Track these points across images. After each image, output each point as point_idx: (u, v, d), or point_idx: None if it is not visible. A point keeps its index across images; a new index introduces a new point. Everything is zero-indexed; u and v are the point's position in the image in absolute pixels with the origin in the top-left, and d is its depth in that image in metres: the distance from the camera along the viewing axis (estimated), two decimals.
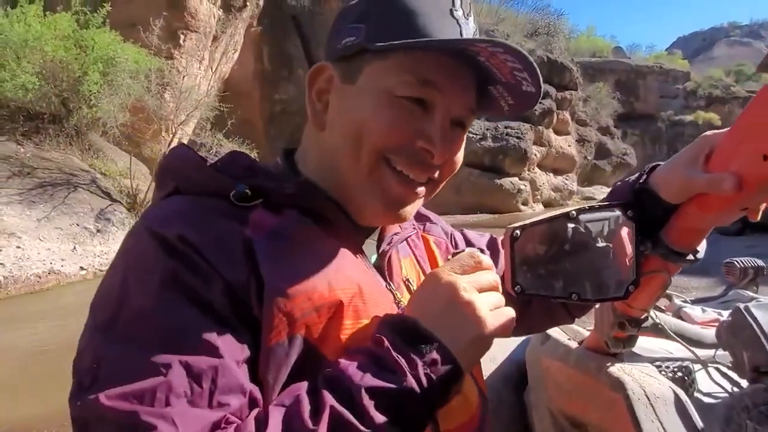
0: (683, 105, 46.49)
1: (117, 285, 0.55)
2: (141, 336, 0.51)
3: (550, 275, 0.70)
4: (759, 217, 0.66)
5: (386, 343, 0.54)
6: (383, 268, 0.73)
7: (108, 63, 13.14)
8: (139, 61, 13.70)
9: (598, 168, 36.05)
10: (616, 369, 0.90)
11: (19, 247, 9.28)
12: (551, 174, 30.06)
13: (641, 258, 0.73)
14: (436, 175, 0.69)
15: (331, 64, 0.69)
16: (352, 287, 0.62)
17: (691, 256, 0.73)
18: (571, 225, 0.70)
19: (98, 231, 10.85)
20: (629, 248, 0.72)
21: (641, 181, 0.73)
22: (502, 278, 0.67)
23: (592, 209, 0.71)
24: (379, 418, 0.49)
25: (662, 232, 0.73)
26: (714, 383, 1.01)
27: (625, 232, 0.72)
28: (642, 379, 0.86)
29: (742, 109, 0.61)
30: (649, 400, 0.82)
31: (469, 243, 0.94)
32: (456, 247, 0.93)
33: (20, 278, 8.64)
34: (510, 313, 0.61)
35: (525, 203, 26.52)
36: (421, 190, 0.69)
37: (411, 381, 0.52)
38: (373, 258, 0.74)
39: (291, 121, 23.75)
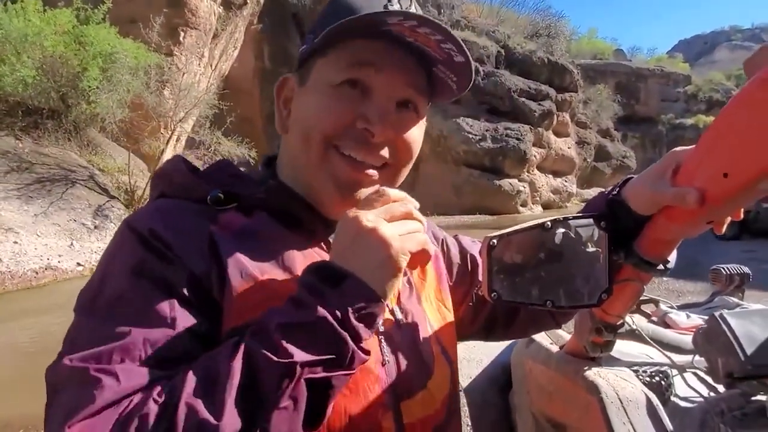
0: (684, 108, 46.53)
1: (99, 273, 0.63)
2: (111, 313, 0.58)
3: (525, 283, 0.72)
4: (723, 231, 0.69)
5: (299, 284, 0.58)
6: None
7: (107, 59, 13.17)
8: (138, 57, 13.71)
9: (597, 170, 36.15)
10: (592, 373, 0.93)
11: (16, 242, 9.31)
12: (550, 176, 30.16)
13: (614, 267, 0.76)
14: (389, 157, 0.72)
15: (293, 74, 0.77)
16: None
17: (661, 266, 0.76)
18: (546, 235, 0.72)
19: (95, 227, 10.88)
20: (602, 258, 0.75)
21: (614, 193, 0.76)
22: (480, 286, 0.69)
23: (566, 220, 0.74)
24: (294, 349, 0.52)
25: (634, 242, 0.75)
26: (690, 388, 1.04)
27: (598, 242, 0.75)
28: (616, 383, 0.89)
29: None
30: (621, 403, 0.85)
31: (462, 249, 0.97)
32: (448, 252, 0.95)
33: (17, 273, 8.68)
34: (421, 237, 0.62)
35: (524, 205, 26.59)
36: (373, 173, 0.72)
37: (321, 311, 0.54)
38: None
39: None
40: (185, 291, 0.60)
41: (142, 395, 0.51)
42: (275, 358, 0.51)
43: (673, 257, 0.77)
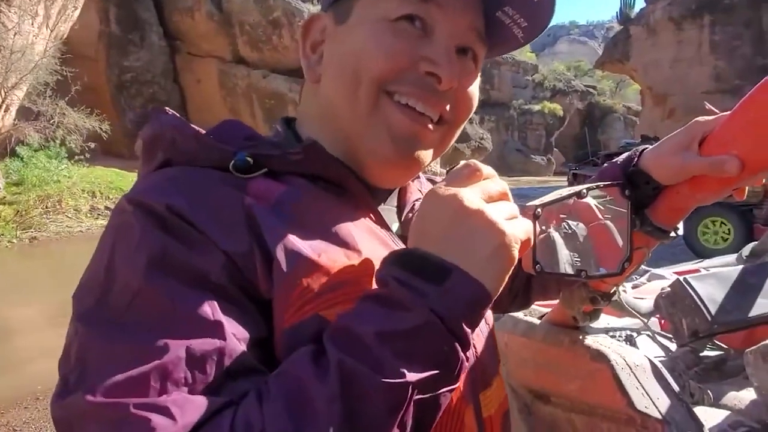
0: (532, 95, 50.91)
1: (102, 268, 0.47)
2: (130, 321, 0.44)
3: (562, 254, 0.69)
4: (745, 196, 0.72)
5: (390, 280, 0.45)
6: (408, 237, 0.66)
7: None
8: None
9: (458, 151, 38.33)
10: (593, 341, 0.94)
11: None
12: None
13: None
14: (449, 111, 0.62)
15: (324, 13, 0.64)
16: (374, 260, 0.54)
17: (672, 233, 0.78)
18: (581, 203, 0.70)
19: None
20: (624, 226, 0.75)
21: (633, 164, 0.75)
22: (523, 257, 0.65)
23: (598, 188, 0.72)
24: (403, 365, 0.41)
25: (648, 210, 0.76)
26: (649, 349, 1.11)
27: (620, 210, 0.74)
28: (620, 349, 0.91)
29: (580, 101, 0.63)
30: (630, 368, 0.88)
31: None
32: None
33: None
34: (528, 223, 0.51)
35: None
36: (433, 128, 0.61)
37: (428, 314, 0.42)
38: (395, 227, 0.67)
39: (143, 92, 21.70)
40: (223, 282, 0.47)
41: None
42: (382, 379, 0.40)
43: (681, 224, 0.79)
